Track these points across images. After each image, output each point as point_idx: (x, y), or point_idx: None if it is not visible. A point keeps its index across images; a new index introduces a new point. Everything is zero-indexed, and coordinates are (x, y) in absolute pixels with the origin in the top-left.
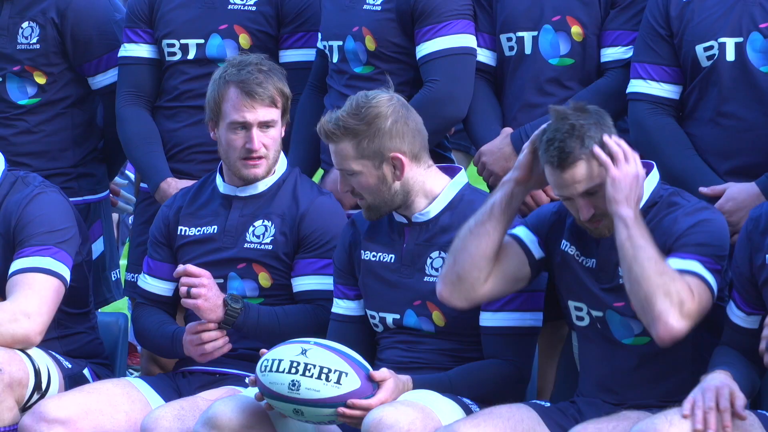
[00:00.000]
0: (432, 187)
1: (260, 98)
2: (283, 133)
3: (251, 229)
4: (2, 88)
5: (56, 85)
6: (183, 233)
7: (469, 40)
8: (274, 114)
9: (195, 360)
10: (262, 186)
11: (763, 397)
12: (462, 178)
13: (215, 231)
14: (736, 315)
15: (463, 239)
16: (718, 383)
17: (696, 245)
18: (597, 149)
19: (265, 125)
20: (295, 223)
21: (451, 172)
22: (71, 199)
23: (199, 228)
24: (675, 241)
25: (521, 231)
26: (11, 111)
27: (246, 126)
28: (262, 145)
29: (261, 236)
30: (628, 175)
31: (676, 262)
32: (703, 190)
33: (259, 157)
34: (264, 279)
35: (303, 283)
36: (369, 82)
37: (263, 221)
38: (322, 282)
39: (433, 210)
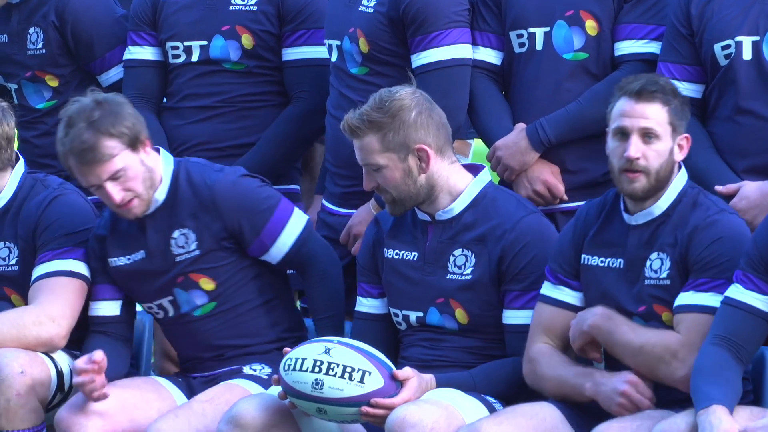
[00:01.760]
0: (456, 184)
1: (96, 161)
2: (147, 153)
3: (172, 241)
4: (20, 95)
5: (69, 86)
6: (114, 264)
7: (462, 51)
8: (118, 163)
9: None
10: (159, 196)
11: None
12: (485, 176)
13: (144, 255)
14: (753, 298)
15: (549, 388)
16: None
17: (718, 272)
18: None
19: (114, 178)
20: (212, 214)
21: (474, 170)
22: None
23: (128, 257)
24: (696, 265)
25: (558, 293)
26: (30, 115)
27: (99, 186)
28: (123, 193)
29: (185, 245)
30: None
31: (695, 297)
32: (718, 188)
33: (128, 202)
34: (206, 283)
35: (284, 245)
36: (365, 84)
37: (180, 230)
38: (291, 234)
39: (457, 207)
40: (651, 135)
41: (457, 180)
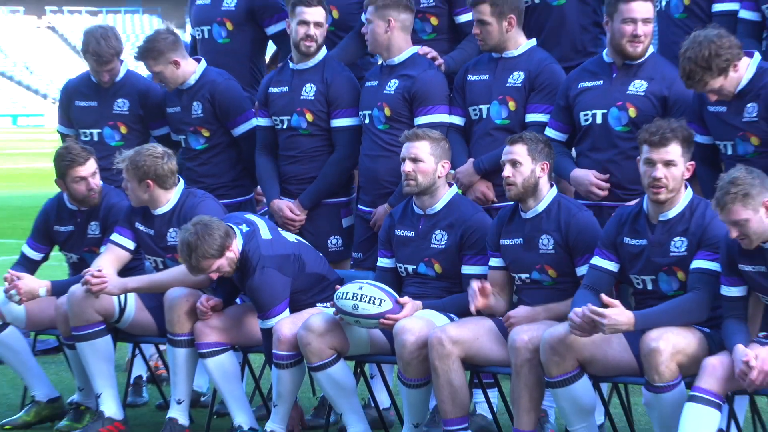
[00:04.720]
0: (442, 191)
1: (199, 270)
2: (231, 251)
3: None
4: (186, 142)
5: (216, 135)
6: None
7: (444, 117)
8: (213, 267)
9: None
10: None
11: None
12: (455, 188)
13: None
14: (606, 263)
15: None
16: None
17: (591, 247)
18: None
19: (211, 272)
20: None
21: (449, 185)
22: (229, 201)
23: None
24: (580, 244)
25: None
26: (192, 153)
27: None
28: (217, 274)
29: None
30: None
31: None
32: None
33: (221, 276)
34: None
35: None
36: (387, 135)
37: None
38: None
39: (438, 207)
40: (516, 163)
41: (444, 189)
